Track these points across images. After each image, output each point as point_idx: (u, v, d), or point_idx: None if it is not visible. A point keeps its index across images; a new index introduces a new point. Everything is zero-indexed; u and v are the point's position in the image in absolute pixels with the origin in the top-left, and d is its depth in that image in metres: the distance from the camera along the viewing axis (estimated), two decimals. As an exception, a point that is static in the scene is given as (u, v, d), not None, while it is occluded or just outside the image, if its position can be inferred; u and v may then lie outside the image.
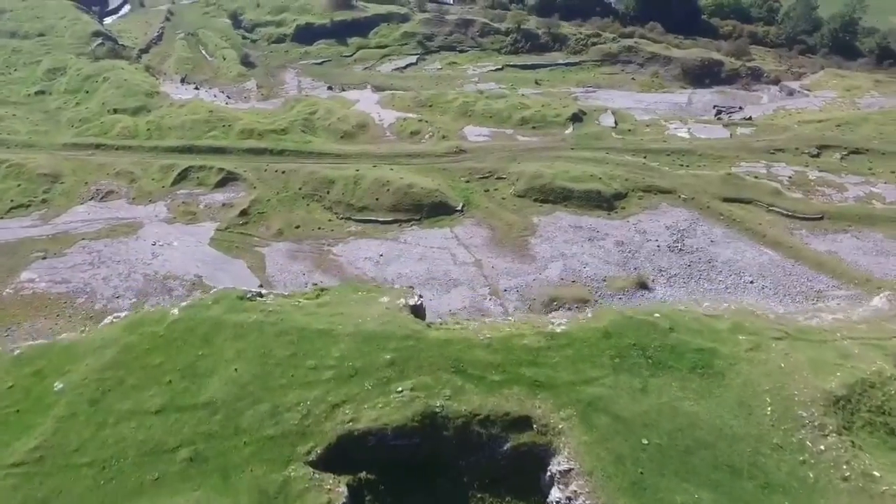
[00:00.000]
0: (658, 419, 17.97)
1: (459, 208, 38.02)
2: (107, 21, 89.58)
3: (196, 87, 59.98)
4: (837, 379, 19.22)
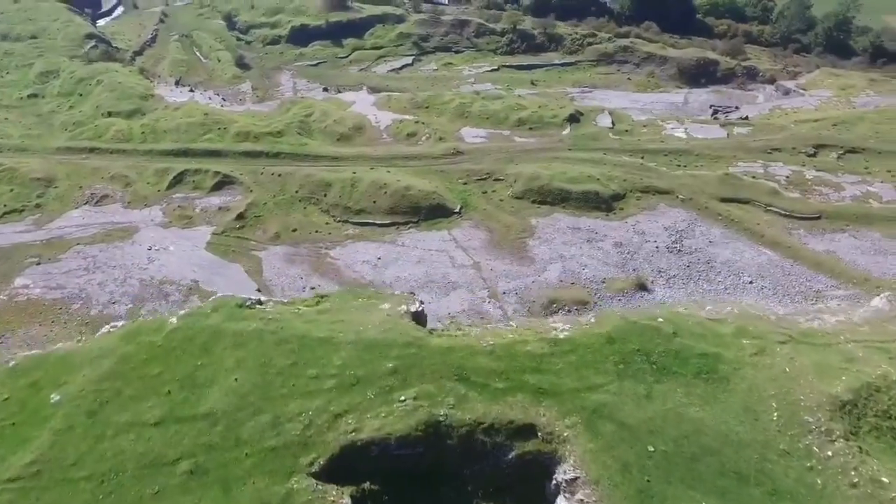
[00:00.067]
0: (663, 426, 17.75)
1: (457, 210, 37.80)
2: (100, 23, 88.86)
3: (191, 90, 59.61)
4: (843, 383, 19.05)
